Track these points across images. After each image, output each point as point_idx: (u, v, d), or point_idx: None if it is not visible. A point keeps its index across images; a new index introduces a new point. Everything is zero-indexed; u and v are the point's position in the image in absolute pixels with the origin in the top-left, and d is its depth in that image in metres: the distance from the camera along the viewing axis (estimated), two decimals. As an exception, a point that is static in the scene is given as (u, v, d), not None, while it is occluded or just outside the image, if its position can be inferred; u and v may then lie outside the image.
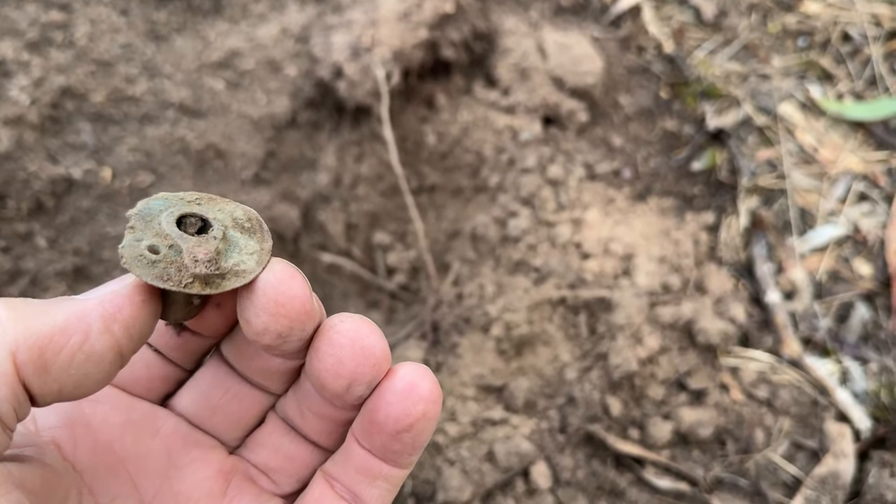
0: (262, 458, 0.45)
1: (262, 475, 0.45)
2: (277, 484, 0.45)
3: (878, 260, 1.29)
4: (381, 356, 0.38)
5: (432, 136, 1.38)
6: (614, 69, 1.41)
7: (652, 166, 1.35)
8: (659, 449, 1.11)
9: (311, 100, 1.35)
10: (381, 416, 0.38)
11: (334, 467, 0.43)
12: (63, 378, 0.33)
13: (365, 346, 0.38)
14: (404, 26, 1.31)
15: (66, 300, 0.34)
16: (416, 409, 0.38)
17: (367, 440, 0.40)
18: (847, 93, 1.43)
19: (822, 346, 1.22)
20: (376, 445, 0.40)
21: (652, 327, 1.15)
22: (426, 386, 0.38)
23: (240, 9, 1.42)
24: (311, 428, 0.44)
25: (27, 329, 0.32)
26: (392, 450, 0.40)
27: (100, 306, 0.34)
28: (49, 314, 0.33)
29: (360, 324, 0.39)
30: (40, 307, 0.33)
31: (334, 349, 0.37)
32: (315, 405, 0.42)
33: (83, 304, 0.34)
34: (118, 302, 0.34)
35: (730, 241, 1.28)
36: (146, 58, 1.36)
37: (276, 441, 0.44)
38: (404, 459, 0.41)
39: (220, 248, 0.36)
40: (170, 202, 0.37)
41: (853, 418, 1.15)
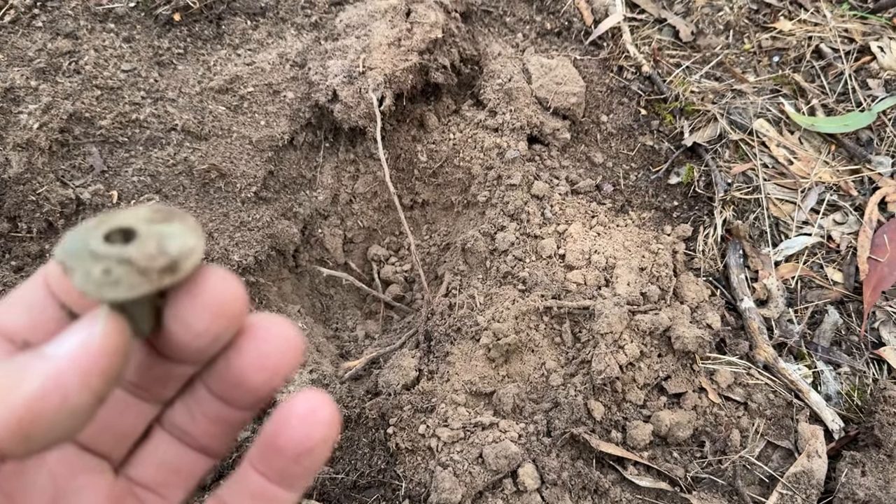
0: (149, 474, 0.44)
1: (149, 494, 0.44)
2: (166, 499, 0.45)
3: (849, 267, 1.35)
4: (301, 349, 0.40)
5: (424, 155, 1.45)
6: (595, 89, 1.48)
7: (632, 181, 1.41)
8: (640, 450, 1.18)
9: (309, 122, 1.42)
10: (282, 441, 0.39)
11: (227, 493, 0.43)
12: (45, 440, 0.33)
13: (289, 339, 0.39)
14: (396, 52, 1.38)
15: (37, 358, 0.34)
16: (317, 434, 0.39)
17: (264, 465, 0.41)
18: (819, 107, 1.50)
19: (796, 350, 1.28)
20: (274, 470, 0.41)
21: (632, 335, 1.21)
22: (327, 411, 0.39)
23: (239, 36, 1.49)
24: (203, 432, 0.44)
25: (2, 405, 0.32)
26: (290, 473, 0.41)
27: (74, 363, 0.33)
28: (23, 383, 0.32)
29: (280, 320, 0.40)
30: (12, 375, 0.33)
31: (259, 344, 0.39)
32: (211, 409, 0.43)
33: (56, 364, 0.33)
34: (92, 354, 0.34)
35: (706, 251, 1.34)
36: (150, 83, 1.43)
37: (161, 455, 0.44)
38: (299, 483, 0.42)
39: (158, 242, 0.35)
40: (82, 234, 0.36)
41: (826, 419, 1.21)
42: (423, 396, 1.20)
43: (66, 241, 0.35)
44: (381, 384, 1.23)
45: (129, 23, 1.48)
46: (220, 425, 0.43)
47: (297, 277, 1.42)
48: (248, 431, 1.18)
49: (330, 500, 1.13)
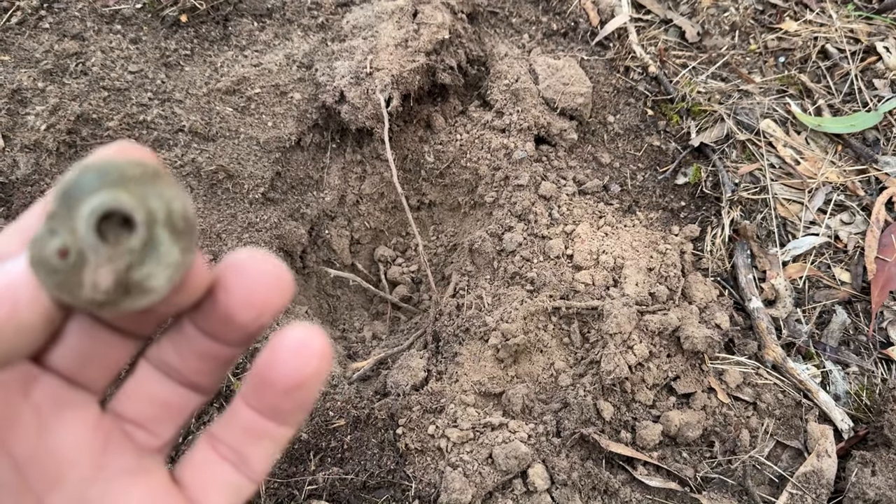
0: (138, 409, 0.43)
1: (138, 429, 0.43)
2: (156, 435, 0.43)
3: (857, 267, 1.35)
4: (289, 285, 0.39)
5: (431, 156, 1.45)
6: (602, 89, 1.48)
7: (639, 181, 1.42)
8: (649, 450, 1.17)
9: (316, 123, 1.42)
10: (273, 375, 0.39)
11: (219, 429, 0.42)
12: None
13: (277, 275, 0.38)
14: (403, 53, 1.38)
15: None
16: (308, 367, 0.39)
17: (256, 400, 0.41)
18: (826, 107, 1.50)
19: (804, 350, 1.28)
20: (266, 405, 0.40)
21: (641, 335, 1.21)
22: (318, 343, 0.39)
23: (246, 37, 1.49)
24: (192, 369, 0.43)
25: None
26: (282, 408, 0.40)
27: (27, 278, 0.32)
28: None
29: (266, 255, 0.39)
30: None
31: (246, 281, 0.38)
32: (199, 345, 0.41)
33: (8, 273, 0.33)
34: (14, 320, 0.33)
35: (714, 251, 1.34)
36: (158, 84, 1.43)
37: (149, 390, 0.42)
38: (292, 418, 0.41)
39: (133, 260, 0.33)
40: (105, 178, 0.32)
41: (835, 419, 1.21)
42: (432, 397, 1.19)
43: (88, 171, 0.32)
44: (390, 385, 1.23)
45: (136, 24, 1.49)
46: (210, 361, 0.42)
47: (304, 278, 1.42)
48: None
49: (340, 500, 1.13)
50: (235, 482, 0.43)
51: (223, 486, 0.43)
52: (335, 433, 1.17)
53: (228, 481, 0.43)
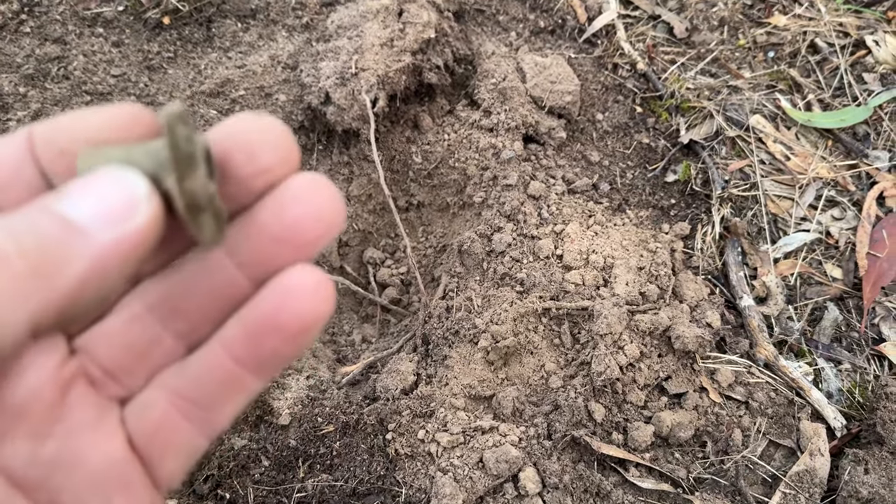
0: (112, 356, 0.39)
1: (107, 378, 0.39)
2: (124, 386, 0.40)
3: (848, 263, 1.34)
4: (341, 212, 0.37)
5: (418, 156, 1.44)
6: (590, 87, 1.47)
7: (629, 179, 1.40)
8: (641, 451, 1.17)
9: (302, 124, 1.40)
10: (285, 316, 0.36)
11: (184, 383, 0.39)
12: (71, 321, 0.32)
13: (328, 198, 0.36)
14: (388, 53, 1.36)
15: (77, 235, 0.30)
16: (323, 309, 0.36)
17: (249, 347, 0.38)
18: (815, 102, 1.49)
19: (797, 348, 1.27)
20: (261, 352, 0.37)
21: (632, 335, 1.20)
22: (329, 285, 0.37)
23: (230, 38, 1.47)
24: (194, 310, 0.39)
25: (47, 292, 0.30)
26: (277, 355, 0.38)
27: (118, 248, 0.31)
28: (68, 266, 0.30)
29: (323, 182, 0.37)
30: (53, 252, 0.30)
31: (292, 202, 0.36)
32: (218, 278, 0.38)
33: (101, 248, 0.31)
34: (136, 239, 0.31)
35: (705, 249, 1.33)
36: (141, 88, 1.41)
37: (132, 334, 0.39)
38: (276, 368, 0.39)
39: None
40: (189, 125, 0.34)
41: (827, 417, 1.20)
42: (422, 401, 1.18)
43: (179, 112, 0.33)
44: (380, 389, 1.22)
45: (118, 27, 1.47)
46: (219, 301, 0.39)
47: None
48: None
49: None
50: (194, 445, 0.40)
51: (182, 451, 0.40)
52: (324, 439, 1.16)
53: (188, 444, 0.40)
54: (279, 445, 1.15)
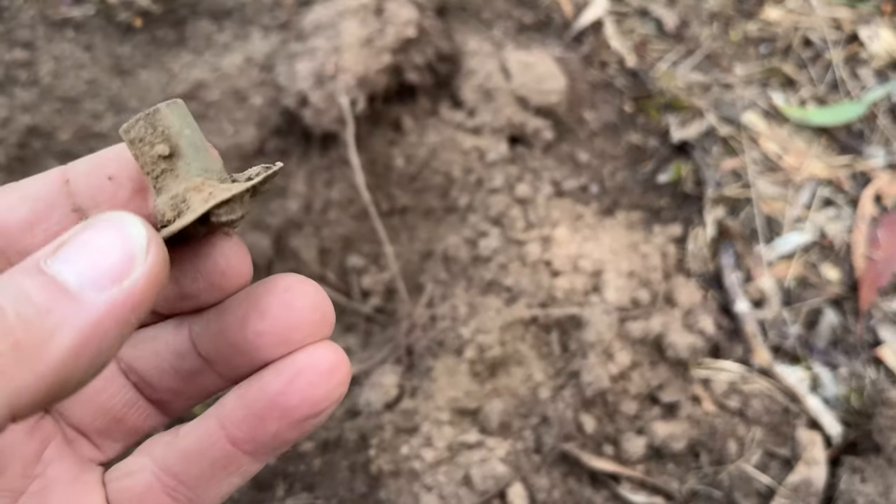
0: (86, 417, 0.37)
1: (82, 439, 0.38)
2: (101, 449, 0.38)
3: (845, 264, 1.31)
4: (330, 320, 0.36)
5: (401, 159, 1.39)
6: (578, 85, 1.43)
7: (618, 180, 1.36)
8: (633, 464, 1.13)
9: (278, 128, 1.36)
10: (293, 400, 0.34)
11: (175, 462, 0.37)
12: (66, 396, 0.29)
13: (321, 310, 0.36)
14: (368, 52, 1.32)
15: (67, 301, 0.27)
16: (335, 393, 0.35)
17: (252, 429, 0.35)
18: (810, 98, 1.45)
19: (792, 353, 1.23)
20: (260, 433, 0.35)
21: (622, 343, 1.16)
22: (345, 367, 0.36)
23: (204, 39, 1.43)
24: (168, 387, 0.37)
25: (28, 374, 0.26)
26: (281, 438, 0.36)
27: (115, 310, 0.27)
28: (54, 339, 0.26)
29: (311, 286, 0.37)
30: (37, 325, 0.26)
31: (288, 311, 0.35)
32: (188, 365, 0.36)
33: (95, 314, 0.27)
34: (136, 297, 0.28)
35: (697, 252, 1.29)
36: (112, 93, 1.36)
37: (105, 398, 0.37)
38: (277, 451, 0.37)
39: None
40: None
41: (824, 424, 1.17)
42: (406, 415, 1.14)
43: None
44: (362, 404, 1.17)
45: (89, 31, 1.42)
46: (194, 386, 0.37)
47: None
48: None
49: (310, 528, 1.08)
50: None
51: None
52: (304, 457, 1.11)
53: None
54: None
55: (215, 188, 0.33)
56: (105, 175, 0.34)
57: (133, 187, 0.35)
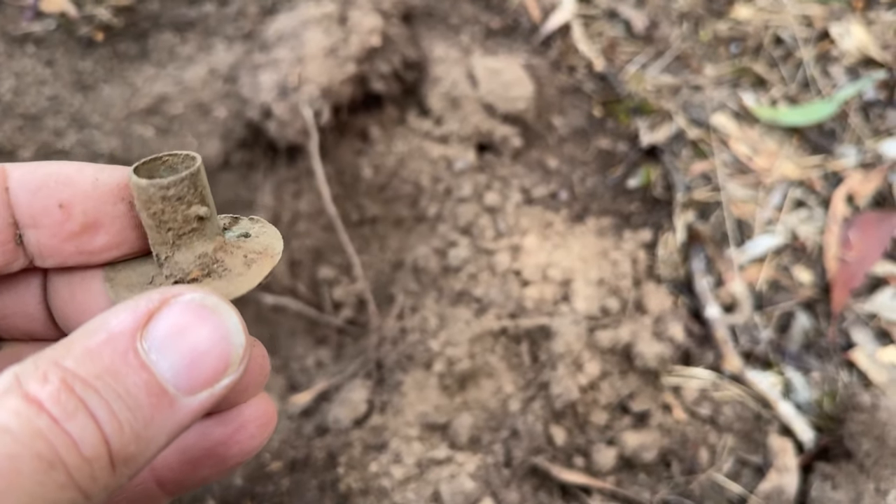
0: None
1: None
2: None
3: (817, 266, 1.30)
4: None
5: (369, 169, 1.38)
6: (546, 91, 1.41)
7: (588, 186, 1.35)
8: (604, 475, 1.12)
9: (244, 141, 1.34)
10: (234, 449, 0.34)
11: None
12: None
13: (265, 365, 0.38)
14: (332, 62, 1.30)
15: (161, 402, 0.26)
16: (265, 440, 0.37)
17: (182, 472, 0.35)
18: (781, 98, 1.43)
19: (764, 358, 1.22)
20: (192, 478, 0.35)
21: (592, 353, 1.16)
22: (276, 418, 0.37)
23: (167, 52, 1.41)
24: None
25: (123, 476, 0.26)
26: (208, 480, 0.36)
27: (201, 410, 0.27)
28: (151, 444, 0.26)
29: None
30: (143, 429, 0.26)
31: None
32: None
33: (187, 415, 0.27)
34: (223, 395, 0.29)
35: (667, 257, 1.28)
36: (74, 109, 1.34)
37: None
38: (197, 488, 0.39)
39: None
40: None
41: (796, 430, 1.16)
42: (374, 432, 1.13)
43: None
44: (331, 420, 1.16)
45: (50, 46, 1.40)
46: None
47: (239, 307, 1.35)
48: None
49: (279, 549, 1.07)
50: None
51: None
52: (272, 477, 1.10)
53: None
54: (224, 485, 1.10)
55: (243, 249, 0.33)
56: (56, 200, 0.32)
57: (84, 222, 0.32)
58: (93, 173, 0.32)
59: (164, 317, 0.26)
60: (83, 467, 0.23)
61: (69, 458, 0.23)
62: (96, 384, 0.24)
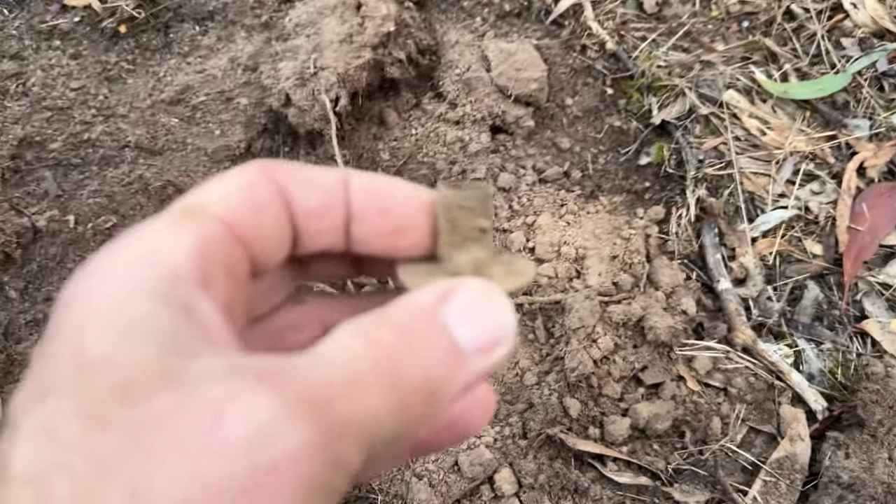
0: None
1: None
2: None
3: (829, 238, 1.31)
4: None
5: (386, 153, 1.41)
6: (558, 71, 1.43)
7: (601, 165, 1.37)
8: (619, 445, 1.15)
9: (265, 128, 1.38)
10: (466, 426, 0.42)
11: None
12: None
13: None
14: (348, 49, 1.33)
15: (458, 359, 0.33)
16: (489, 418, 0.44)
17: (427, 437, 0.42)
18: (793, 72, 1.44)
19: (776, 330, 1.24)
20: (432, 442, 0.43)
21: (605, 327, 1.19)
22: (496, 401, 0.44)
23: (189, 43, 1.45)
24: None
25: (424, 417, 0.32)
26: (438, 448, 0.43)
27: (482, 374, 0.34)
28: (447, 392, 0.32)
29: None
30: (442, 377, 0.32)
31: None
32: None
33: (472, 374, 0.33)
34: (499, 364, 0.35)
35: (680, 232, 1.30)
36: (100, 100, 1.39)
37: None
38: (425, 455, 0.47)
39: None
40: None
41: (808, 400, 1.18)
42: (395, 406, 1.17)
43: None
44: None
45: (75, 39, 1.44)
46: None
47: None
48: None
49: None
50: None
51: None
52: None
53: None
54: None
55: (507, 266, 0.40)
56: (382, 205, 0.39)
57: (396, 227, 0.40)
58: (411, 189, 0.40)
59: (459, 297, 0.33)
60: (410, 394, 0.30)
61: (403, 384, 0.30)
62: (417, 335, 0.32)
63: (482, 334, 0.33)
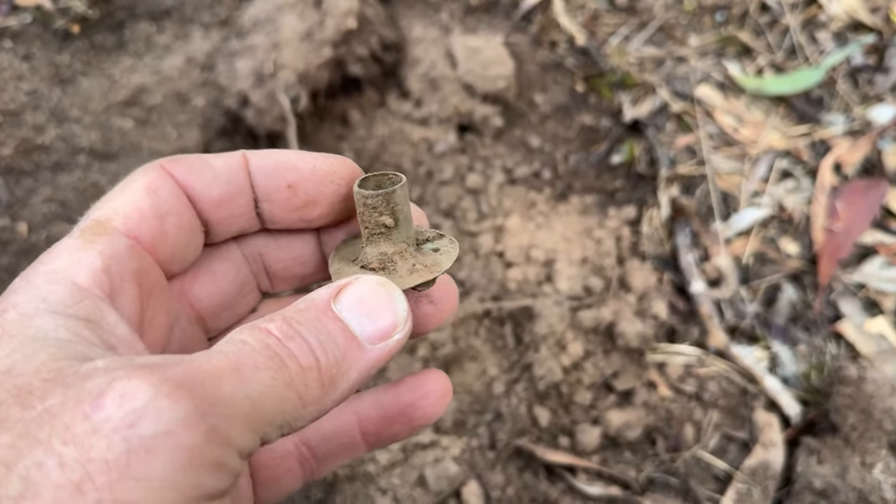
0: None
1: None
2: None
3: (804, 238, 1.28)
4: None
5: (350, 153, 1.37)
6: (527, 68, 1.39)
7: (571, 164, 1.34)
8: (589, 455, 1.12)
9: (223, 129, 1.34)
10: (418, 412, 0.45)
11: (317, 438, 0.47)
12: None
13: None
14: (308, 47, 1.29)
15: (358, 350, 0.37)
16: (441, 413, 0.46)
17: (378, 426, 0.46)
18: (767, 66, 1.41)
19: (750, 332, 1.22)
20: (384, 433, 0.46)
21: (575, 333, 1.15)
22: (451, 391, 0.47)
23: (144, 42, 1.39)
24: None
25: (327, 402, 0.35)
26: (396, 438, 0.47)
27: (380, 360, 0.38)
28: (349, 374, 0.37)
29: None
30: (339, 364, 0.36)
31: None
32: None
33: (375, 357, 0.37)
34: (396, 349, 0.39)
35: (652, 233, 1.27)
36: (53, 103, 1.34)
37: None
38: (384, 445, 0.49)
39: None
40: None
41: (782, 405, 1.16)
42: (359, 418, 1.14)
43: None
44: (316, 408, 1.17)
45: (27, 39, 1.39)
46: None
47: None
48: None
49: (268, 535, 1.09)
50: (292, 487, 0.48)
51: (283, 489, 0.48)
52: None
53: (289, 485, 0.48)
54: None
55: (416, 260, 0.42)
56: (285, 182, 0.41)
57: (306, 200, 0.42)
58: (311, 161, 0.42)
59: (349, 292, 0.36)
60: (300, 374, 0.32)
61: (290, 364, 0.32)
62: (306, 325, 0.34)
63: (373, 323, 0.36)
